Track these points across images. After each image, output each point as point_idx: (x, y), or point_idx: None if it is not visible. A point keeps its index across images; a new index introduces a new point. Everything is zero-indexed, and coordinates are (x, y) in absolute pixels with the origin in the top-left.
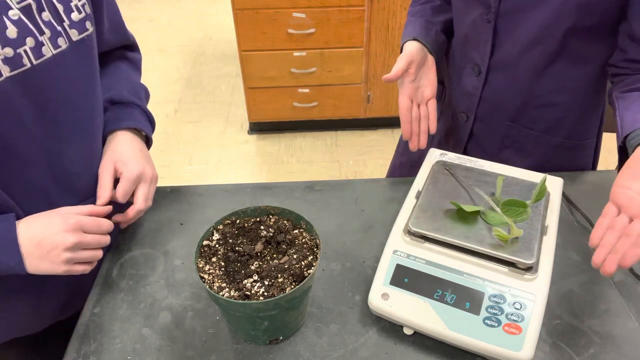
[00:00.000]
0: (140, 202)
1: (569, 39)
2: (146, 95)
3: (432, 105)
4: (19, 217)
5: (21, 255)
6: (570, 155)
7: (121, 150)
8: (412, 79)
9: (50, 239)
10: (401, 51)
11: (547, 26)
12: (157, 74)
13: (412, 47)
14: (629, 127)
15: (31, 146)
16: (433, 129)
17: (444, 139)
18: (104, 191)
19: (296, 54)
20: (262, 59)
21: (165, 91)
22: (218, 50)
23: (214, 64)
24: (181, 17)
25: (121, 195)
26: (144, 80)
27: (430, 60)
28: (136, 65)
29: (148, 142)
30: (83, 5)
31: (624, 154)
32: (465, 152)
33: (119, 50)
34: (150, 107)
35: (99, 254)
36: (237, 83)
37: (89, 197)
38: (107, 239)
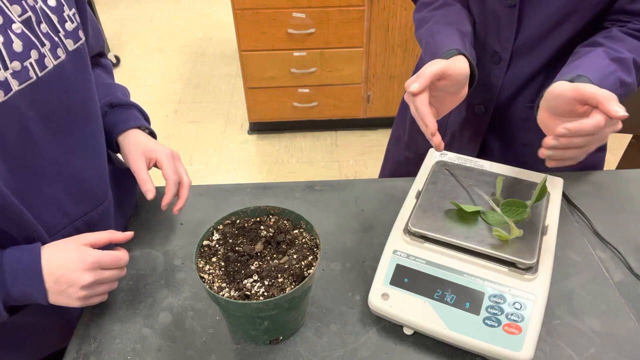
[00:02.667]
0: (186, 176)
1: (597, 10)
2: (129, 94)
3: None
4: (39, 235)
5: (45, 290)
6: None
7: (143, 142)
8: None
9: (68, 276)
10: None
11: (575, 2)
12: (157, 74)
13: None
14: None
15: (39, 158)
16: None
17: (458, 133)
18: (148, 185)
19: (296, 54)
20: (262, 59)
21: (165, 91)
22: (218, 50)
23: (214, 64)
24: (181, 17)
25: (172, 173)
26: (144, 80)
27: (464, 90)
28: (109, 71)
29: (152, 136)
30: (74, 15)
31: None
32: (483, 144)
33: (94, 57)
34: (150, 107)
35: (115, 285)
36: (237, 83)
37: (101, 202)
38: (123, 272)
